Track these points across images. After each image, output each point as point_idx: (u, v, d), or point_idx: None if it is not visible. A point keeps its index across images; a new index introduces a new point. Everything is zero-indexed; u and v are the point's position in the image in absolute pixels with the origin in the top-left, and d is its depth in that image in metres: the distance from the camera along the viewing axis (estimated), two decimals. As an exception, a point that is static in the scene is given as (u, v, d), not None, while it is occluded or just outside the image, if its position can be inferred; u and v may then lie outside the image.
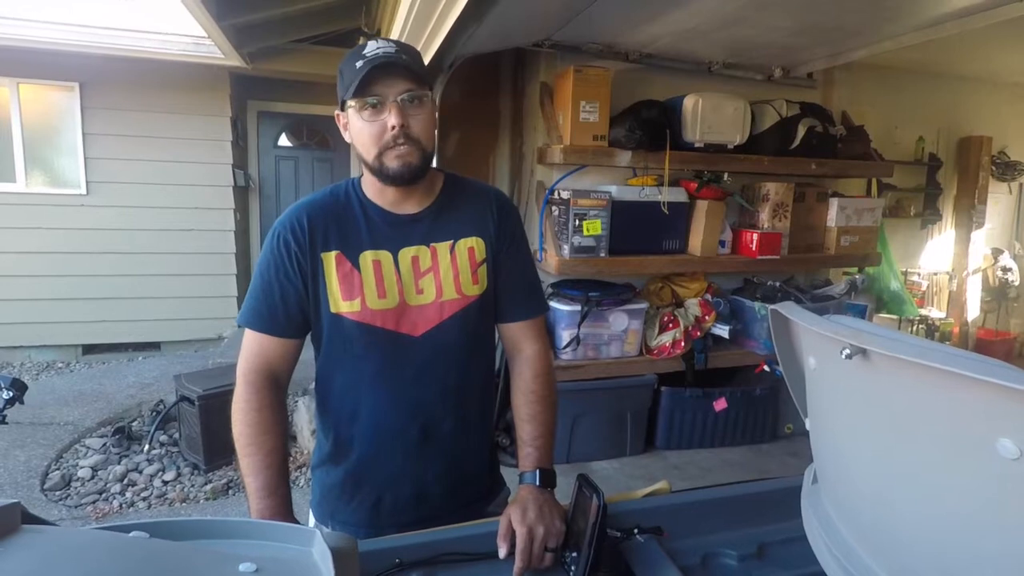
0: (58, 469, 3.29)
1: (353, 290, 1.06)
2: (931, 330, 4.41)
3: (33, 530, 0.50)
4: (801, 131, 3.17)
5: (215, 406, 3.28)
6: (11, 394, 2.05)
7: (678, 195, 3.02)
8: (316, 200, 1.12)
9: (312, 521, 1.20)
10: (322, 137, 6.17)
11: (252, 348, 1.08)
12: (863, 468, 0.62)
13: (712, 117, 2.94)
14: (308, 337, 1.14)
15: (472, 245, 1.12)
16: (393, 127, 0.98)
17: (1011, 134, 4.65)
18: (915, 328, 4.35)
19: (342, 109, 1.05)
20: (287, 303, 1.07)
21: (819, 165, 3.24)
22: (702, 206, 3.05)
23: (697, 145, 2.97)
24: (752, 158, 3.10)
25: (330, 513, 1.17)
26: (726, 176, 3.12)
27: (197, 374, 3.59)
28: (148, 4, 4.29)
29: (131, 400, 4.17)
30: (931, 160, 4.37)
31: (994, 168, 4.61)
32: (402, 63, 0.98)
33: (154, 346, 5.37)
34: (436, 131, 1.08)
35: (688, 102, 2.92)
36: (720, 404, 3.18)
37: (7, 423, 2.10)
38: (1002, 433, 0.42)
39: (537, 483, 1.03)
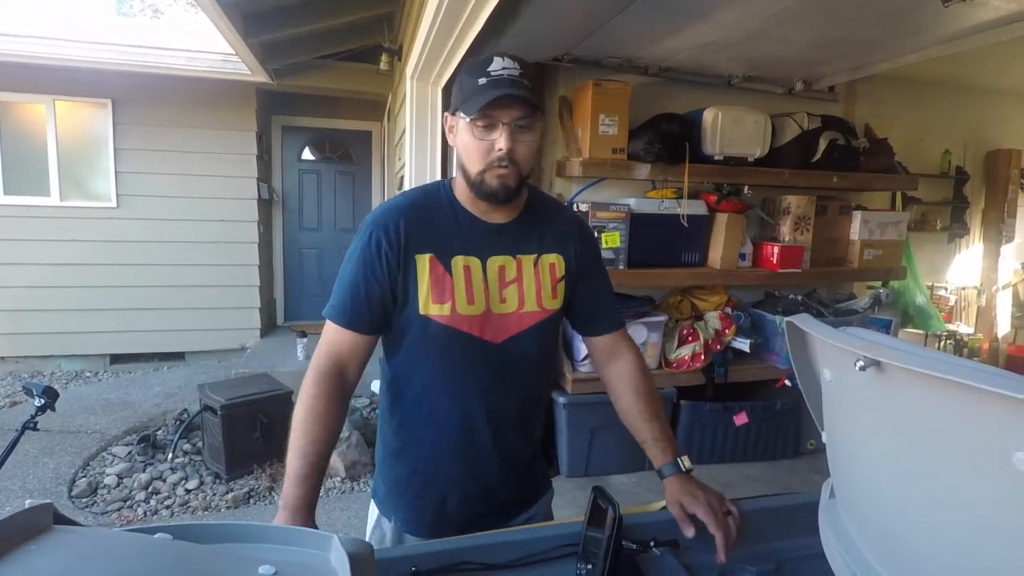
0: (85, 476, 3.36)
1: (444, 294, 1.08)
2: (959, 346, 4.31)
3: (64, 530, 0.52)
4: (823, 144, 3.14)
5: (237, 416, 3.33)
6: (43, 401, 2.10)
7: (698, 208, 3.01)
8: (411, 201, 1.14)
9: (374, 513, 1.24)
10: (344, 151, 6.27)
11: (328, 339, 1.11)
12: (879, 482, 0.62)
13: (732, 130, 2.93)
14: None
15: (554, 261, 1.16)
16: (501, 149, 1.01)
17: (1040, 147, 4.56)
18: (943, 344, 4.26)
19: (452, 113, 1.07)
20: (371, 300, 1.09)
21: (841, 178, 3.21)
22: (722, 219, 3.03)
23: (717, 158, 2.96)
24: (773, 171, 3.08)
25: (394, 508, 1.20)
26: (746, 189, 3.10)
27: (220, 384, 3.65)
28: (178, 22, 4.43)
29: (156, 409, 4.25)
30: (958, 173, 4.29)
31: (1023, 182, 4.51)
32: (523, 90, 1.00)
33: (179, 356, 5.47)
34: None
35: (708, 115, 2.92)
36: (740, 418, 3.14)
37: (39, 430, 2.15)
38: (1018, 447, 0.41)
39: (683, 470, 1.09)
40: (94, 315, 5.20)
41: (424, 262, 1.08)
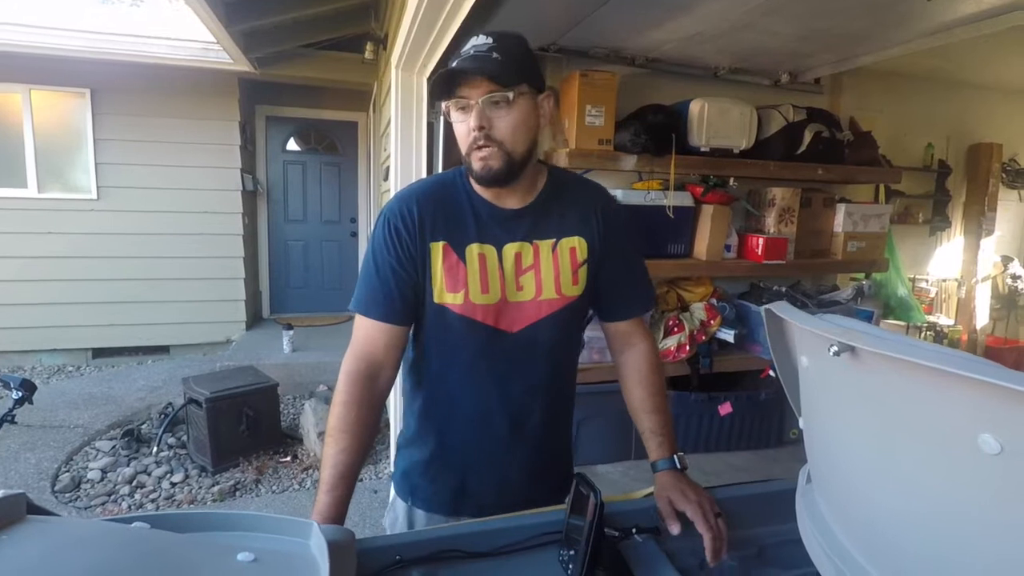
0: (68, 471, 3.32)
1: (458, 283, 1.06)
2: (939, 337, 4.37)
3: (37, 520, 0.51)
4: (808, 136, 3.16)
5: (223, 409, 3.31)
6: (20, 394, 2.07)
7: (684, 199, 3.02)
8: (425, 188, 1.12)
9: (392, 495, 1.24)
10: (330, 142, 6.22)
11: (360, 336, 1.08)
12: (853, 465, 0.63)
13: (718, 122, 2.94)
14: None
15: (574, 245, 1.12)
16: (472, 129, 0.98)
17: (1022, 142, 4.62)
18: (923, 335, 4.32)
19: None
20: (401, 289, 1.07)
21: (826, 171, 3.23)
22: (708, 210, 3.05)
23: (703, 150, 2.97)
24: (758, 163, 3.10)
25: (411, 491, 1.20)
26: (732, 181, 3.12)
27: (205, 377, 3.62)
28: (158, 10, 4.35)
29: (140, 403, 4.21)
30: (940, 167, 4.34)
31: (1004, 176, 4.56)
32: (488, 64, 0.96)
33: (163, 350, 5.42)
34: (537, 128, 1.06)
35: (694, 107, 2.93)
36: (725, 408, 3.17)
37: (17, 423, 2.13)
38: (984, 429, 0.42)
39: (677, 467, 1.09)
40: (75, 309, 5.13)
41: (437, 250, 1.06)
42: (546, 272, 1.10)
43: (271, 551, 0.56)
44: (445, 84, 0.98)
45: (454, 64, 0.97)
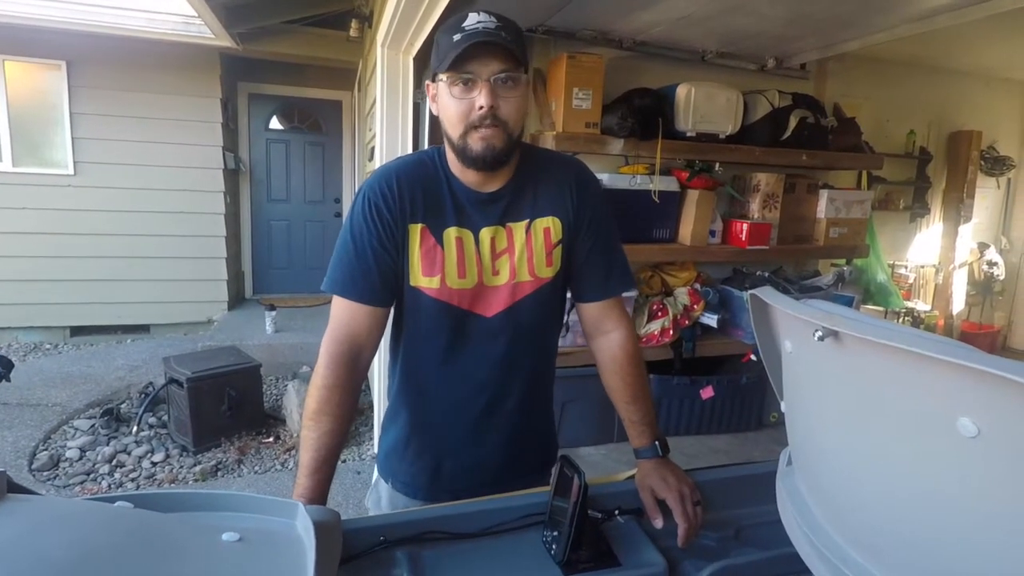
0: (46, 449, 3.29)
1: (434, 267, 1.05)
2: (916, 322, 4.45)
3: (18, 498, 0.51)
4: (793, 122, 3.18)
5: (204, 389, 3.28)
6: (-3, 372, 2.03)
7: (669, 184, 3.03)
8: (406, 166, 1.08)
9: (375, 475, 1.25)
10: (314, 120, 6.12)
11: (340, 318, 1.05)
12: (834, 448, 0.64)
13: (705, 106, 2.94)
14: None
15: (548, 225, 1.10)
16: (481, 107, 0.95)
17: (1001, 129, 4.68)
18: (901, 320, 4.40)
19: (433, 80, 1.02)
20: (382, 269, 1.05)
21: (810, 156, 3.26)
22: (693, 195, 3.06)
23: (689, 134, 2.97)
24: (743, 148, 3.11)
25: (391, 471, 1.20)
26: (717, 166, 3.13)
27: (186, 356, 3.59)
28: (137, -18, 4.21)
29: (120, 382, 4.16)
30: (921, 154, 4.39)
31: (983, 163, 4.64)
32: (501, 41, 0.94)
33: (143, 329, 5.35)
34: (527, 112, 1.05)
35: (681, 91, 2.92)
36: (707, 392, 3.22)
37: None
38: (962, 412, 0.43)
39: (659, 454, 1.08)
40: (52, 286, 5.03)
41: (415, 232, 1.04)
42: (520, 255, 1.08)
43: (257, 531, 0.56)
44: (456, 58, 0.94)
45: (462, 39, 0.93)
